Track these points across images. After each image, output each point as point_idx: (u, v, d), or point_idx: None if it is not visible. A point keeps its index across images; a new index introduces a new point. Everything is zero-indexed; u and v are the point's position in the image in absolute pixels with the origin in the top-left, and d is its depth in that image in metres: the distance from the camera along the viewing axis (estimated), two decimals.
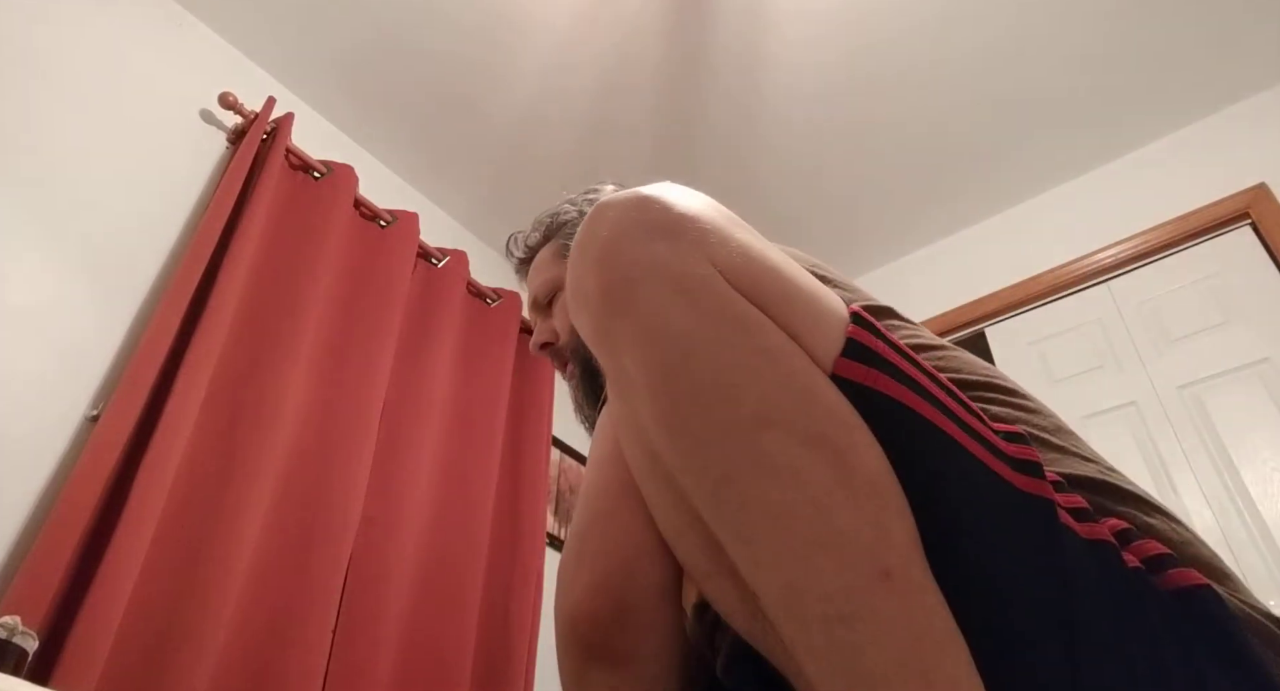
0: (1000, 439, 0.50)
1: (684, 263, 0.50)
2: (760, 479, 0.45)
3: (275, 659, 1.45)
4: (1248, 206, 2.03)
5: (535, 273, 1.09)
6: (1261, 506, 1.73)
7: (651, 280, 0.49)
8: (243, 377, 1.62)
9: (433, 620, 1.76)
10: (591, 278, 0.52)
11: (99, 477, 1.32)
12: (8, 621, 0.95)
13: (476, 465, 2.03)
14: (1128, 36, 2.03)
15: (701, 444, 0.47)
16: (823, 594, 0.42)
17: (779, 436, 0.45)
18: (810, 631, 0.42)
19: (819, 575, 0.42)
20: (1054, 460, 0.57)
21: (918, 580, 0.42)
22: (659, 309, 0.49)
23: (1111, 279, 2.21)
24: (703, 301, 0.49)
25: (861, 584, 0.42)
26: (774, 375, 0.47)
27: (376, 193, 2.20)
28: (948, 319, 2.40)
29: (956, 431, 0.48)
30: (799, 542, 0.43)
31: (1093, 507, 0.51)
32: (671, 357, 0.48)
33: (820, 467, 0.44)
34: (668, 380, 0.48)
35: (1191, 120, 2.22)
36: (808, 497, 0.44)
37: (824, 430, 0.45)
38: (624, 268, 0.50)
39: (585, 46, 2.10)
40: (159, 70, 1.89)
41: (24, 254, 1.51)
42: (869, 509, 0.44)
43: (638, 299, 0.49)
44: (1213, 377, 1.92)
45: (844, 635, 0.41)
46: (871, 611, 0.41)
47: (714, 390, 0.47)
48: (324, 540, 1.60)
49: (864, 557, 0.42)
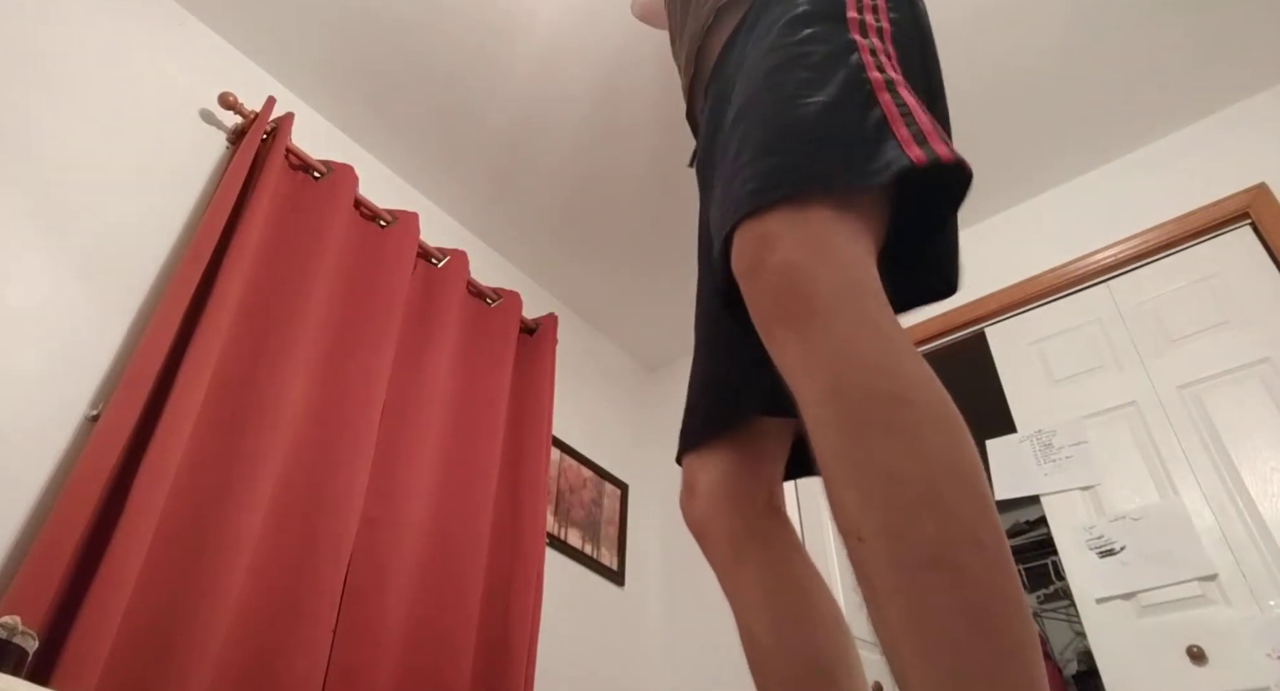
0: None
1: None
2: (888, 439, 0.52)
3: (275, 659, 1.45)
4: (1248, 206, 2.03)
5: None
6: (1261, 506, 1.73)
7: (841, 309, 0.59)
8: (243, 377, 1.62)
9: (433, 620, 1.76)
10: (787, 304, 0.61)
11: (99, 477, 1.32)
12: (8, 621, 0.95)
13: (476, 465, 2.03)
14: (1128, 36, 2.03)
15: (852, 408, 0.54)
16: (923, 539, 0.48)
17: (915, 413, 0.53)
18: (903, 570, 0.48)
19: (921, 526, 0.49)
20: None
21: (1005, 557, 0.49)
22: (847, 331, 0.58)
23: (1111, 279, 2.21)
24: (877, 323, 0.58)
25: (958, 540, 0.48)
26: (919, 371, 0.55)
27: (376, 193, 2.20)
28: (948, 319, 2.40)
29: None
30: (911, 497, 0.50)
31: None
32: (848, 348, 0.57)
33: (939, 437, 0.52)
34: (838, 361, 0.56)
35: (1191, 120, 2.22)
36: (925, 462, 0.51)
37: (948, 416, 0.53)
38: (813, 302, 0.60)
39: (586, 45, 2.10)
40: (159, 70, 1.89)
41: (24, 254, 1.51)
42: (972, 485, 0.51)
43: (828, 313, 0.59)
44: (1213, 377, 1.92)
45: (933, 573, 0.47)
46: (963, 561, 0.47)
47: (875, 370, 0.55)
48: (324, 540, 1.60)
49: (963, 524, 0.49)
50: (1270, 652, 1.57)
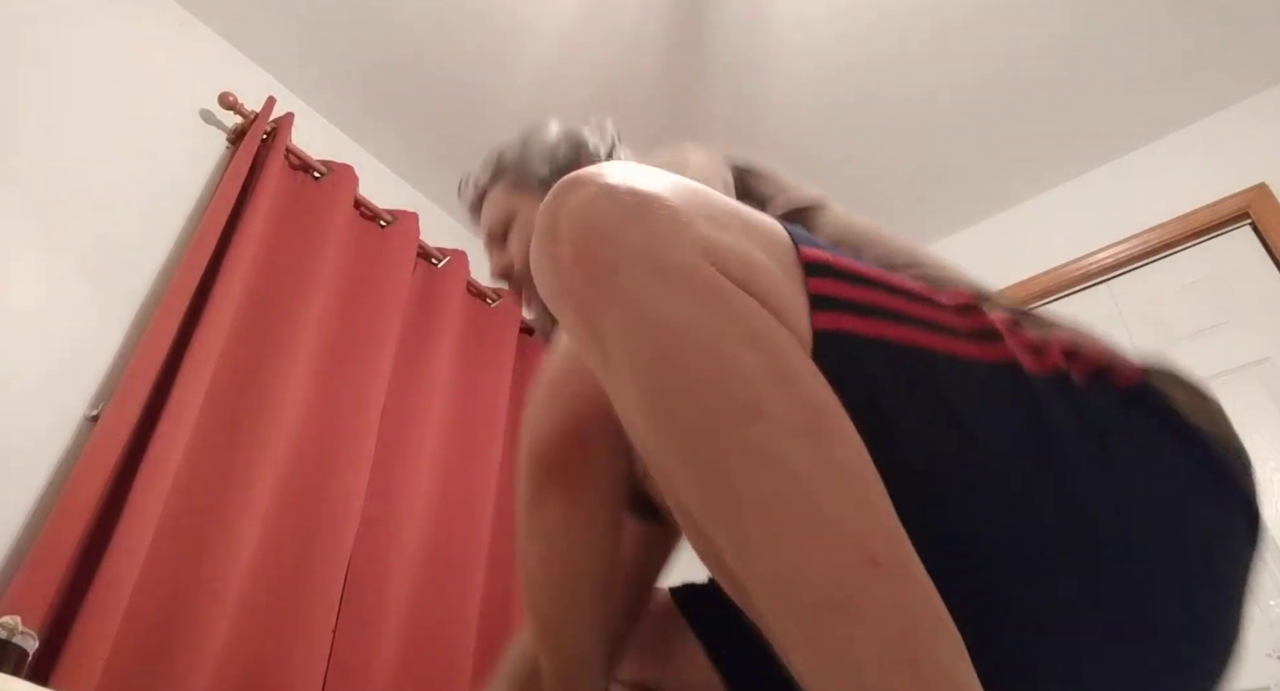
0: (956, 316, 0.55)
1: (664, 249, 0.49)
2: (748, 469, 0.44)
3: (275, 659, 1.45)
4: (1248, 206, 2.03)
5: (489, 207, 1.12)
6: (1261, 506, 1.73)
7: (635, 270, 0.48)
8: (243, 378, 1.62)
9: (433, 620, 1.76)
10: (571, 271, 0.50)
11: (99, 477, 1.32)
12: (8, 621, 0.95)
13: (476, 465, 2.03)
14: (1128, 36, 2.03)
15: (689, 435, 0.46)
16: (812, 582, 0.42)
17: (767, 427, 0.45)
18: (801, 621, 0.42)
19: (808, 563, 0.42)
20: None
21: (905, 566, 0.43)
22: (647, 301, 0.47)
23: (1111, 279, 2.21)
24: (690, 290, 0.48)
25: (850, 570, 0.42)
26: (761, 363, 0.46)
27: (376, 193, 2.20)
28: None
29: (920, 334, 0.52)
30: (788, 531, 0.43)
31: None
32: (660, 348, 0.47)
33: (806, 456, 0.44)
34: (655, 371, 0.47)
35: (1191, 120, 2.22)
36: (795, 486, 0.44)
37: (808, 419, 0.46)
38: (603, 260, 0.49)
39: (586, 45, 2.10)
40: (159, 70, 1.89)
41: (24, 254, 1.50)
42: (854, 493, 0.44)
43: (623, 288, 0.48)
44: (1213, 378, 1.92)
45: (834, 623, 0.41)
46: (861, 598, 0.41)
47: (703, 382, 0.46)
48: (324, 540, 1.60)
49: (852, 543, 0.42)
50: (1270, 652, 1.57)
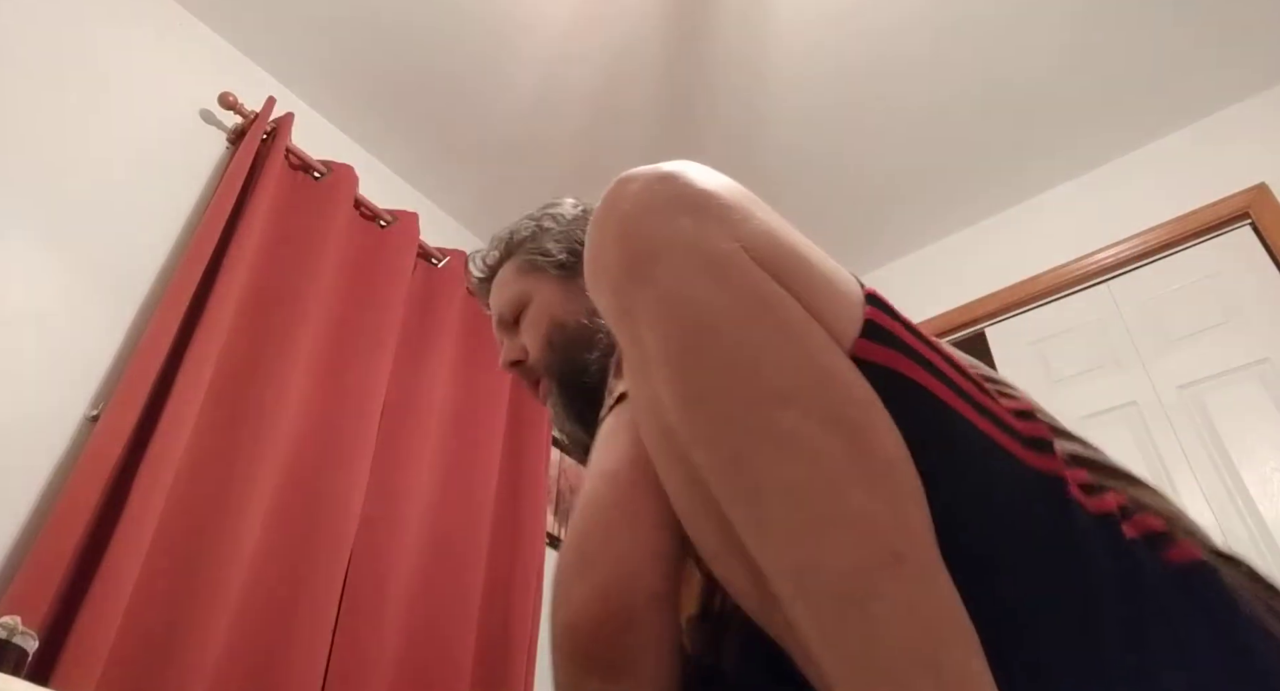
0: (1012, 417, 0.51)
1: (707, 237, 0.50)
2: (776, 456, 0.44)
3: (275, 659, 1.44)
4: (1248, 206, 2.03)
5: (499, 289, 1.06)
6: (1261, 506, 1.73)
7: (675, 253, 0.49)
8: (243, 378, 1.62)
9: (433, 620, 1.76)
10: (612, 250, 0.52)
11: (99, 477, 1.32)
12: (8, 621, 0.95)
13: (476, 465, 2.03)
14: (1128, 36, 2.03)
15: (718, 419, 0.46)
16: (834, 574, 0.41)
17: (797, 414, 0.44)
18: (821, 612, 0.42)
19: (831, 554, 0.42)
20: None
21: (930, 566, 0.42)
22: (682, 281, 0.48)
23: (1111, 279, 2.21)
24: (726, 276, 0.48)
25: (873, 565, 0.41)
26: (795, 352, 0.46)
27: (376, 193, 2.20)
28: (948, 319, 2.40)
29: (971, 412, 0.49)
30: (812, 521, 0.43)
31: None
32: (692, 330, 0.47)
33: (837, 447, 0.44)
34: (687, 352, 0.47)
35: (1191, 120, 2.22)
36: (823, 476, 0.43)
37: (843, 410, 0.45)
38: (647, 241, 0.50)
39: (586, 45, 2.10)
40: (159, 70, 1.88)
41: (24, 254, 1.50)
42: (884, 490, 0.43)
43: (660, 271, 0.49)
44: (1213, 377, 1.92)
45: (855, 617, 0.41)
46: (882, 594, 0.40)
47: (734, 365, 0.46)
48: (324, 540, 1.60)
49: (877, 539, 0.42)
50: None
